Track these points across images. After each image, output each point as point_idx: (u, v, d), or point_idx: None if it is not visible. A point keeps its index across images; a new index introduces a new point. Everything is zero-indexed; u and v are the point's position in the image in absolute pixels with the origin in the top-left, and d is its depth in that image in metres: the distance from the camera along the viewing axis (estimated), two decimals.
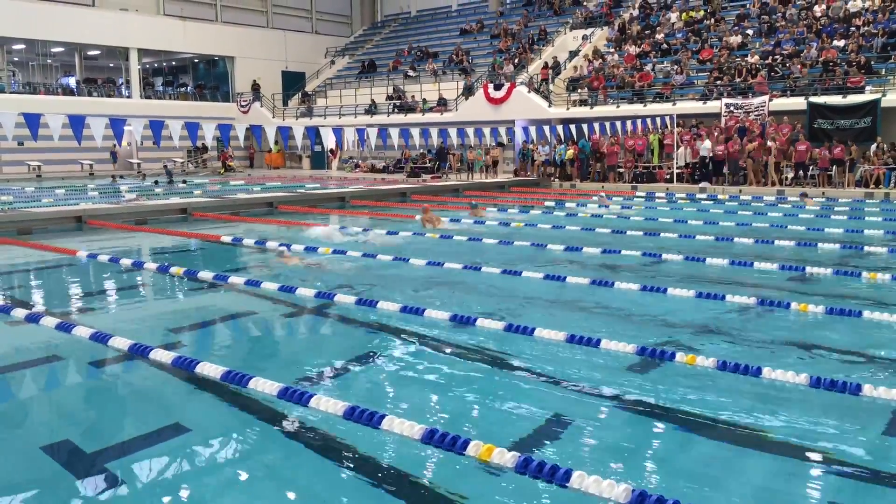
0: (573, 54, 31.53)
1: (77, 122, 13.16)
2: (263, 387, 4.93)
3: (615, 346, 5.90)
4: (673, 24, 30.63)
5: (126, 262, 10.38)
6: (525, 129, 23.54)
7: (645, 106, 25.61)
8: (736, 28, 28.05)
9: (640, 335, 6.41)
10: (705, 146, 23.05)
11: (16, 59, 36.64)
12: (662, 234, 12.69)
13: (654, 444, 4.32)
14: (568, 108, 27.56)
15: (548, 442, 4.29)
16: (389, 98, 34.33)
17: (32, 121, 12.93)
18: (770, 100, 22.90)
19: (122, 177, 29.79)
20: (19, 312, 7.28)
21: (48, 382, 5.73)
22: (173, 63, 42.34)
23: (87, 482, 3.82)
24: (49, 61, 37.85)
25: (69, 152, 29.16)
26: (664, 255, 10.47)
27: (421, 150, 30.21)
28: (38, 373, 5.80)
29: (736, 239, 12.02)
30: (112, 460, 4.07)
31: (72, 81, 36.65)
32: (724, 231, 13.26)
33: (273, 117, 36.43)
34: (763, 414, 4.69)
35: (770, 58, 24.96)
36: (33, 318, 7.05)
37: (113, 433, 4.59)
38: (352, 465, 4.03)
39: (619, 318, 7.27)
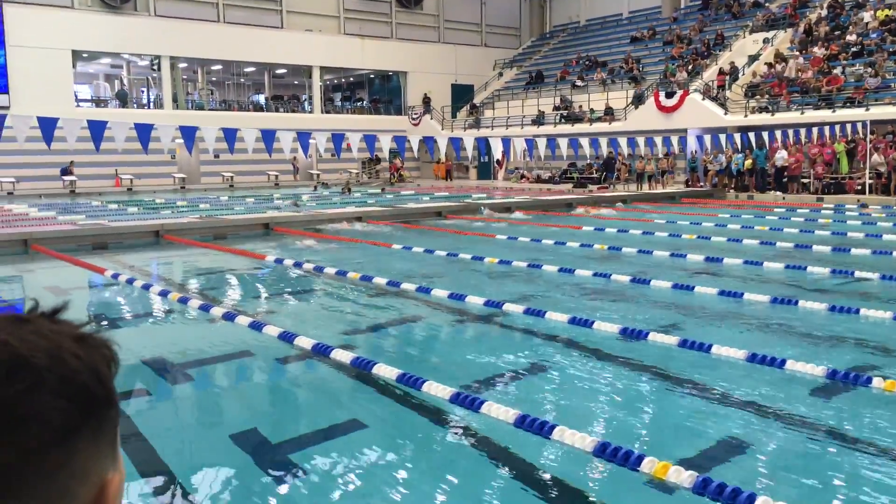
0: (752, 59, 29.89)
1: (268, 136, 14.27)
2: (436, 391, 5.08)
3: (802, 367, 5.53)
4: (867, 23, 28.22)
5: (308, 266, 11.07)
6: (699, 139, 22.61)
7: (833, 112, 23.77)
8: None
9: (829, 357, 5.97)
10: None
11: (213, 79, 40.16)
12: (853, 250, 11.76)
13: (846, 475, 4.00)
14: (746, 116, 26.14)
15: (724, 463, 4.10)
16: (556, 108, 34.21)
17: (230, 135, 14.16)
18: None
19: (325, 185, 32.20)
20: (217, 311, 7.98)
21: (240, 376, 6.24)
22: (351, 79, 44.63)
23: (272, 470, 4.11)
24: (242, 80, 41.16)
25: (257, 164, 31.56)
26: (856, 273, 9.69)
27: (589, 161, 29.84)
28: (231, 366, 6.33)
29: None
30: (295, 451, 4.34)
31: (262, 98, 39.68)
32: None
33: (442, 129, 37.42)
34: None
35: None
36: (229, 317, 7.69)
37: (296, 425, 4.92)
38: (519, 474, 4.06)
39: (804, 339, 6.80)
